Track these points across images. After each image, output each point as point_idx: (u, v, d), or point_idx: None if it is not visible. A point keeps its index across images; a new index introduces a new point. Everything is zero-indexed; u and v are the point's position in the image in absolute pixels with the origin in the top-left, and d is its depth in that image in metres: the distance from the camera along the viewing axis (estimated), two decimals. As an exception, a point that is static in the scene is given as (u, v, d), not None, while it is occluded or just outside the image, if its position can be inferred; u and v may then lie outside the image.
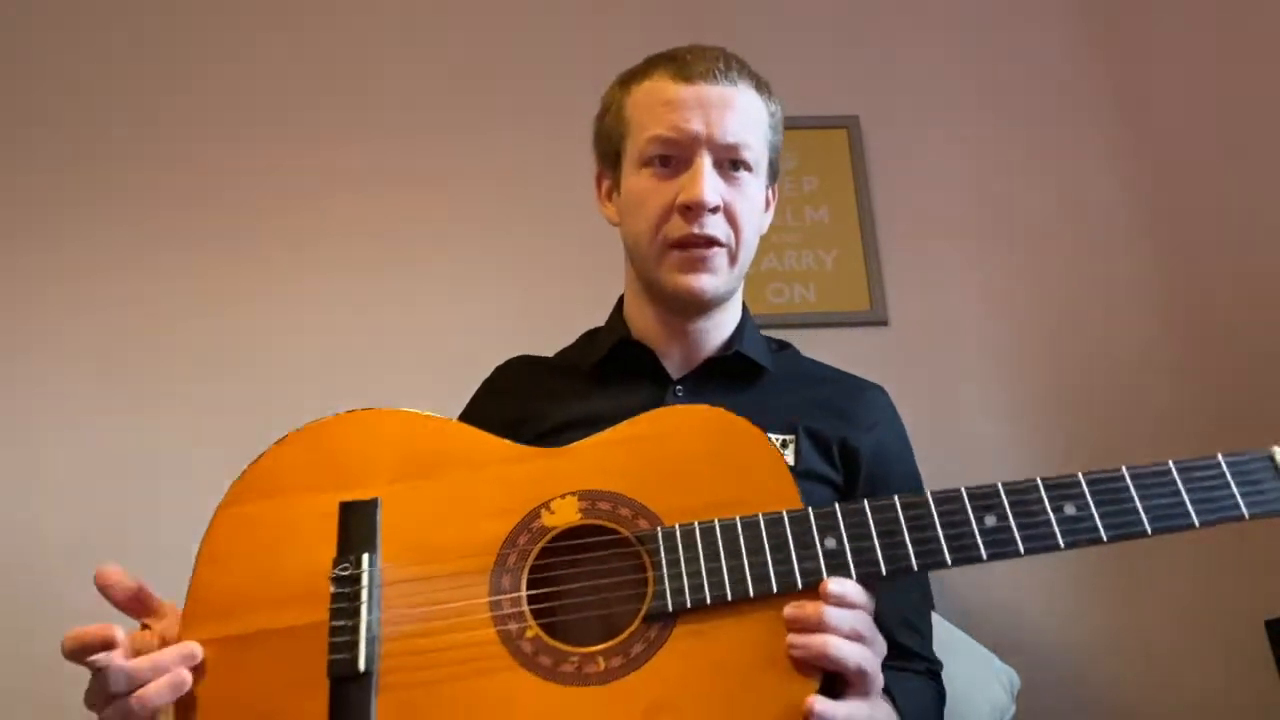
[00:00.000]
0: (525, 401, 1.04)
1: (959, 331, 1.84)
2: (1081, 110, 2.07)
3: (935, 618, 1.28)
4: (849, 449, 0.96)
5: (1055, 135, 2.05)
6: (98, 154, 1.89)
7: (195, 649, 0.72)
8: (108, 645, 0.71)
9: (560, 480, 0.77)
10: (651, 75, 1.01)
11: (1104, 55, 2.12)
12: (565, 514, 0.76)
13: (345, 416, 0.81)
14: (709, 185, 0.95)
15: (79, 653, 0.71)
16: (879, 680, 0.73)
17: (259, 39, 2.00)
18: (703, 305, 1.01)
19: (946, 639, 1.14)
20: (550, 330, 1.72)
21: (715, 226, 0.96)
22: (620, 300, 1.11)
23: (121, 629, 0.72)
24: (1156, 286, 1.94)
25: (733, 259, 0.99)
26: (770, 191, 1.08)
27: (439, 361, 1.78)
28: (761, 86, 1.03)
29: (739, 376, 1.02)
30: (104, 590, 0.75)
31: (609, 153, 1.05)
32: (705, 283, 0.97)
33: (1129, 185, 2.02)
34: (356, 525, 0.75)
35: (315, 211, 1.89)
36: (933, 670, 0.96)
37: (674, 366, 1.03)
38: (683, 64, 0.99)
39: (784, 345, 1.13)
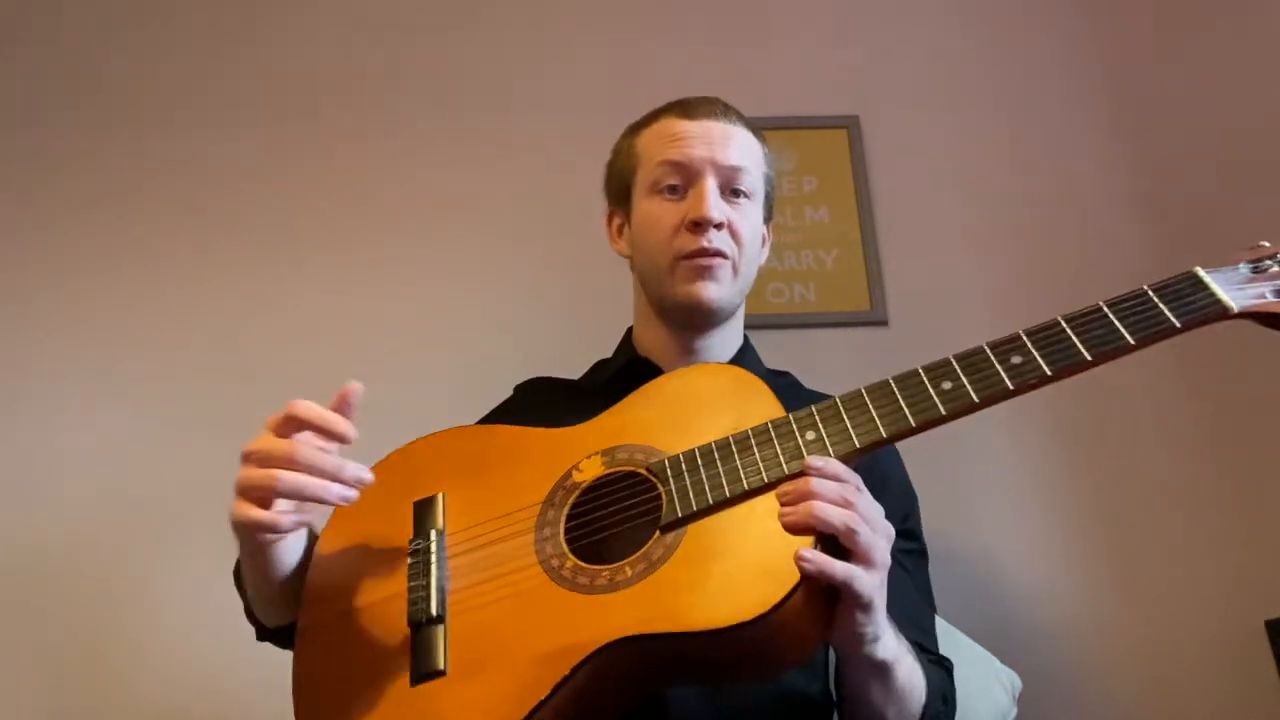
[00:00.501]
0: (544, 414, 1.09)
1: (959, 331, 1.84)
2: (1083, 110, 2.07)
3: (939, 621, 1.28)
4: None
5: (1056, 135, 2.05)
6: (106, 152, 1.89)
7: (368, 476, 0.83)
8: (334, 436, 0.82)
9: (584, 446, 0.90)
10: (659, 119, 1.14)
11: (1105, 55, 2.12)
12: (592, 470, 0.88)
13: (411, 444, 0.98)
14: (713, 202, 1.06)
15: (301, 421, 0.81)
16: (880, 556, 0.76)
17: (267, 39, 2.00)
18: (709, 314, 1.09)
19: (947, 641, 1.14)
20: (556, 331, 1.73)
21: (720, 241, 1.07)
22: (629, 331, 1.20)
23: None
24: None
25: (736, 270, 1.09)
26: (766, 229, 1.19)
27: (446, 360, 1.79)
28: (756, 131, 1.16)
29: None
30: (341, 399, 0.85)
31: (620, 191, 1.16)
32: (711, 291, 1.07)
33: (1131, 185, 2.01)
34: (425, 514, 0.91)
35: (326, 211, 1.89)
36: (942, 664, 1.00)
37: None
38: (687, 106, 1.13)
39: (783, 374, 1.21)
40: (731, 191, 1.09)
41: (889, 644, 0.82)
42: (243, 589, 0.97)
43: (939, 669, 0.97)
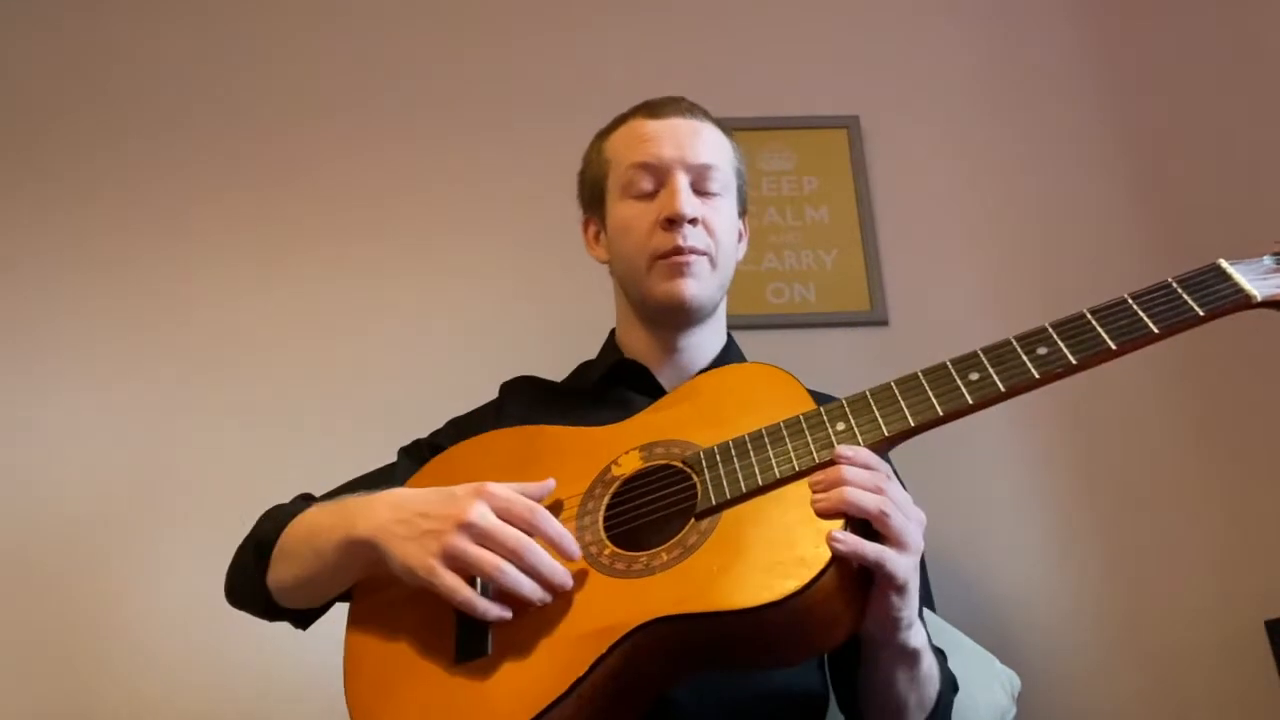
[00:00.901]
0: (534, 412, 1.10)
1: (959, 331, 1.83)
2: (1082, 110, 2.07)
3: (938, 621, 1.29)
4: None
5: (1056, 135, 2.05)
6: (106, 149, 1.89)
7: (570, 584, 0.82)
8: (567, 556, 0.82)
9: (622, 442, 0.93)
10: (626, 122, 1.14)
11: (1106, 56, 2.12)
12: (630, 464, 0.91)
13: (460, 445, 1.02)
14: (685, 199, 1.06)
15: (541, 533, 0.81)
16: (913, 540, 0.77)
17: (279, 40, 2.01)
18: (689, 311, 1.09)
19: (948, 641, 1.14)
20: (544, 334, 1.72)
21: (695, 238, 1.07)
22: (611, 333, 1.20)
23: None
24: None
25: (714, 265, 1.09)
26: (742, 224, 1.18)
27: (435, 360, 1.79)
28: (723, 127, 1.16)
29: None
30: (542, 490, 0.87)
31: (594, 198, 1.17)
32: (691, 288, 1.07)
33: (1130, 185, 2.01)
34: None
35: (319, 210, 1.89)
36: (941, 652, 0.99)
37: (667, 382, 1.11)
38: (653, 107, 1.14)
39: None
40: (703, 189, 1.10)
41: (920, 632, 0.83)
42: (263, 570, 0.98)
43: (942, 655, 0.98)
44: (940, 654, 0.98)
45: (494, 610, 0.80)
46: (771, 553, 0.77)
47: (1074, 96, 2.08)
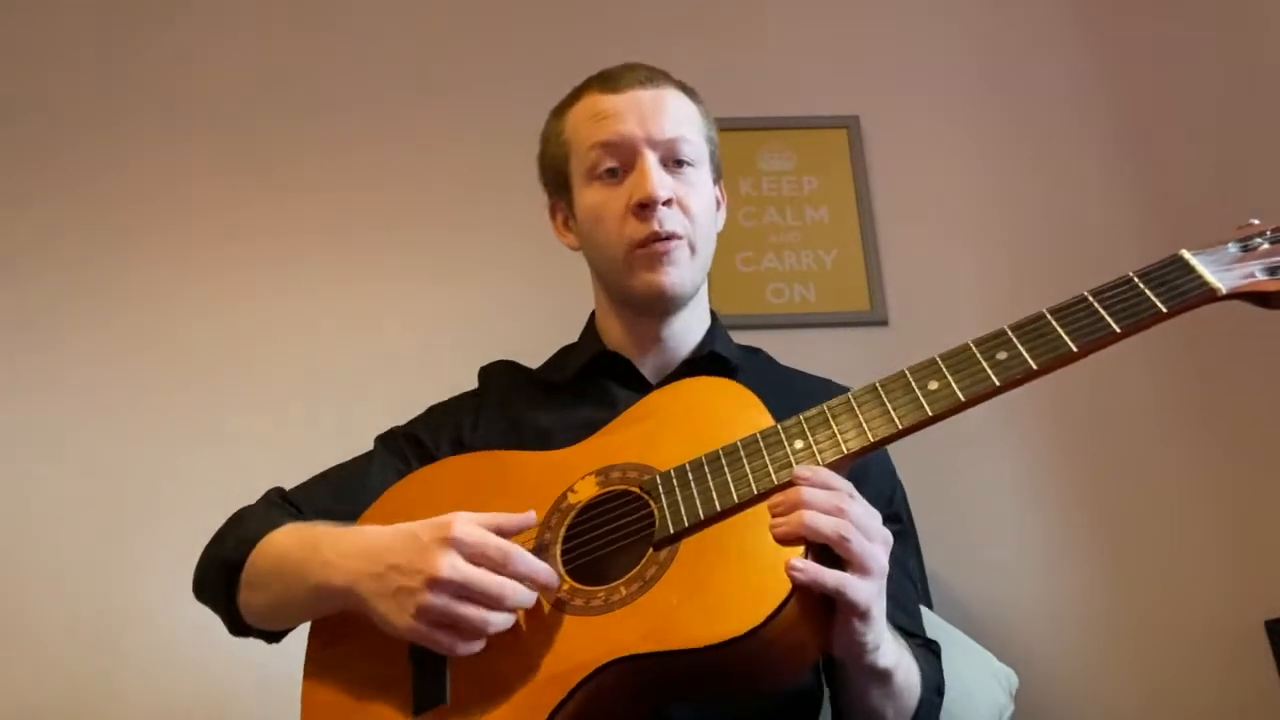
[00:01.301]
0: (513, 404, 1.08)
1: (959, 331, 1.82)
2: (1082, 109, 2.07)
3: (935, 619, 1.29)
4: None
5: (1056, 134, 2.05)
6: (85, 149, 1.90)
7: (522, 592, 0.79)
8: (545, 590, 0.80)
9: (578, 467, 0.90)
10: (582, 97, 1.07)
11: (1104, 55, 2.12)
12: (586, 491, 0.88)
13: (409, 477, 0.99)
14: (657, 180, 1.00)
15: (520, 574, 0.78)
16: (876, 563, 0.75)
17: (281, 39, 2.01)
18: (671, 301, 1.04)
19: (946, 639, 1.14)
20: (529, 323, 1.71)
21: (672, 220, 1.01)
22: (591, 317, 1.15)
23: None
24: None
25: (693, 250, 1.03)
26: (719, 190, 1.12)
27: (448, 356, 1.79)
28: (687, 90, 1.08)
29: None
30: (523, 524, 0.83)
31: (558, 181, 1.10)
32: (671, 277, 1.01)
33: (1129, 185, 2.01)
34: None
35: (296, 211, 1.90)
36: (930, 647, 0.98)
37: (650, 372, 1.07)
38: (610, 78, 1.06)
39: (755, 350, 1.17)
40: (674, 162, 1.03)
41: (889, 651, 0.81)
42: (232, 593, 0.95)
43: (928, 653, 0.96)
44: (931, 654, 0.97)
45: (471, 650, 0.78)
46: (732, 584, 0.75)
47: (1074, 96, 2.08)
